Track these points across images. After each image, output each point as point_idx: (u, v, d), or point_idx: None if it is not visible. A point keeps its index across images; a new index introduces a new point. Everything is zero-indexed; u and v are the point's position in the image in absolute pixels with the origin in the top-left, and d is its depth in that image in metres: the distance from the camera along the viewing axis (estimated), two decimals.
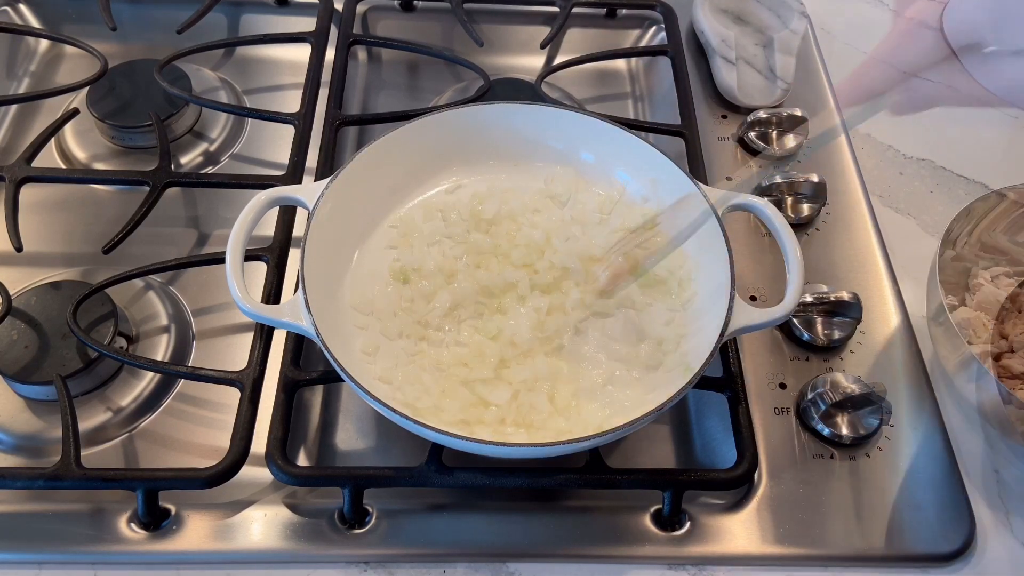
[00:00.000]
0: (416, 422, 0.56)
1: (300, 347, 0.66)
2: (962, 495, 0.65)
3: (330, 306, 0.65)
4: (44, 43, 0.95)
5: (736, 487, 0.63)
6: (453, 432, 0.56)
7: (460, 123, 0.74)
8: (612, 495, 0.64)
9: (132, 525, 0.61)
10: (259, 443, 0.62)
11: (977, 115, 0.94)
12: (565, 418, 0.62)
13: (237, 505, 0.62)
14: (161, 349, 0.70)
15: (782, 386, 0.70)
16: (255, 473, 0.62)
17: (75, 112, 0.83)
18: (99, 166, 0.83)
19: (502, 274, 0.68)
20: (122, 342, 0.69)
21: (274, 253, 0.71)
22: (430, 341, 0.66)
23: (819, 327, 0.71)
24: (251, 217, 0.63)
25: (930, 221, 0.84)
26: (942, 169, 0.88)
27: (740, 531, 0.63)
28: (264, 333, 0.67)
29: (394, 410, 0.56)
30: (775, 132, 0.85)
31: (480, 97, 0.84)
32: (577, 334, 0.67)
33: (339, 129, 0.82)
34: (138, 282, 0.73)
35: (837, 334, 0.71)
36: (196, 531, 0.61)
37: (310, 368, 0.66)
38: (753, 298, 0.75)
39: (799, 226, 0.79)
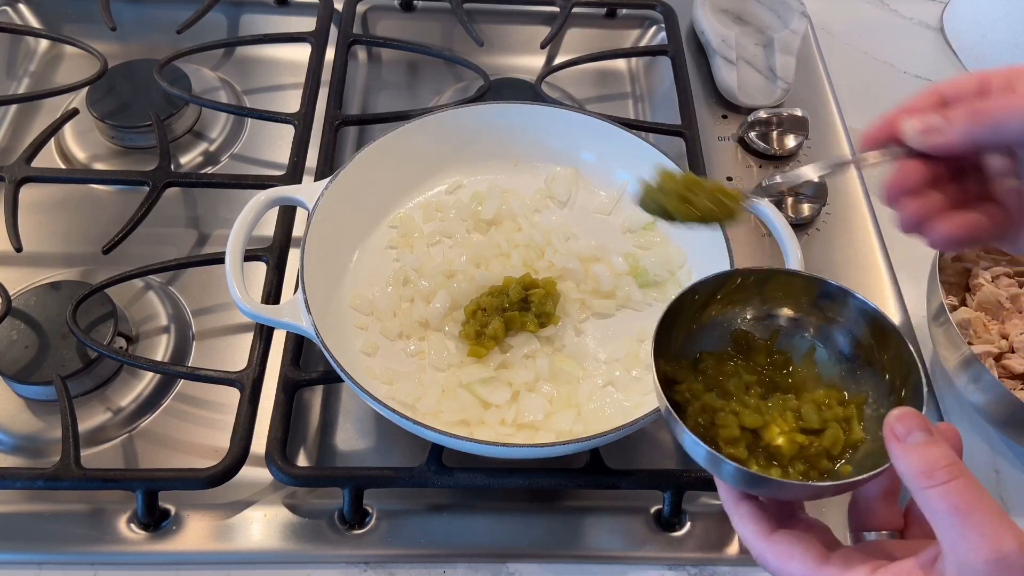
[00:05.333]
0: (416, 422, 0.56)
1: (300, 347, 0.66)
2: None
3: (330, 306, 0.65)
4: (44, 43, 0.95)
5: None
6: (453, 432, 0.56)
7: (460, 123, 0.74)
8: (612, 495, 0.64)
9: (132, 525, 0.61)
10: (259, 443, 0.62)
11: None
12: (565, 419, 0.62)
13: (237, 505, 0.62)
14: (161, 349, 0.70)
15: None
16: (255, 473, 0.62)
17: (75, 112, 0.83)
18: (99, 166, 0.83)
19: (502, 274, 0.68)
20: (122, 342, 0.69)
21: (274, 253, 0.71)
22: (430, 341, 0.66)
23: None
24: (251, 217, 0.63)
25: None
26: None
27: None
28: (264, 333, 0.67)
29: (394, 410, 0.56)
30: (775, 132, 0.85)
31: (480, 97, 0.84)
32: (577, 334, 0.67)
33: (339, 129, 0.82)
34: (138, 282, 0.73)
35: None
36: (196, 531, 0.61)
37: (310, 368, 0.66)
38: None
39: (799, 226, 0.79)
